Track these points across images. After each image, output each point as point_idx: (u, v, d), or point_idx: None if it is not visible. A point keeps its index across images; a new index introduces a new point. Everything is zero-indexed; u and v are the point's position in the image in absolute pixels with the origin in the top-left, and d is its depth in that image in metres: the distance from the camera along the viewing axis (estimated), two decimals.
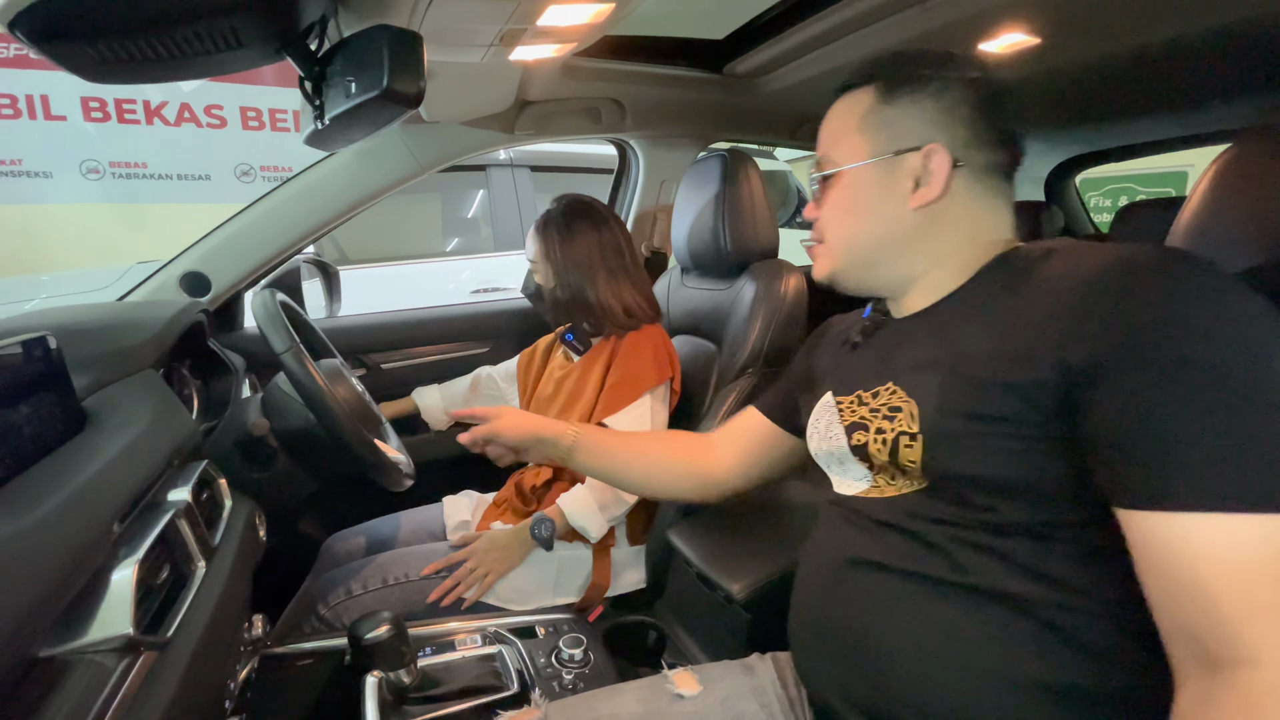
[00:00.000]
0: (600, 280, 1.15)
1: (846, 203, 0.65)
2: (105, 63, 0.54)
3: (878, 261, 0.65)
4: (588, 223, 1.18)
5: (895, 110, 0.61)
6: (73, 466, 0.55)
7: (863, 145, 0.63)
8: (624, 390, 1.11)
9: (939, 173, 0.60)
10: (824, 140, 0.68)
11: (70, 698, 0.43)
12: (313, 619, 0.99)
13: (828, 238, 0.68)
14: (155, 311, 0.93)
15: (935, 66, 0.61)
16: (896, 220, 0.63)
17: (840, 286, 0.69)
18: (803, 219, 0.71)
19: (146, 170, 3.83)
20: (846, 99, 0.66)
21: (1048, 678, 0.49)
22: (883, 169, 0.62)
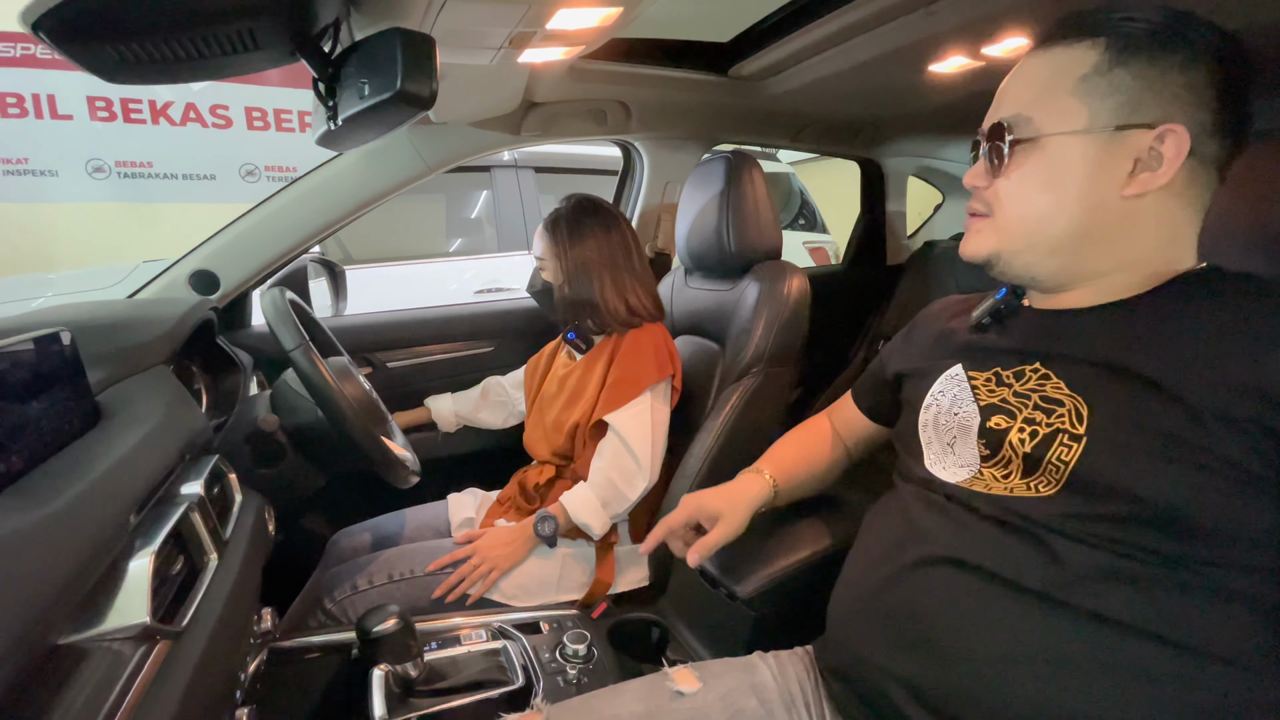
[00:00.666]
0: (606, 279, 1.16)
1: (1043, 175, 0.56)
2: (124, 64, 0.55)
3: (1062, 249, 0.57)
4: (596, 222, 1.19)
5: (1129, 75, 0.52)
6: (90, 459, 0.56)
7: (1079, 111, 0.54)
8: (625, 387, 1.12)
9: (1172, 158, 0.51)
10: (1017, 97, 0.58)
11: (89, 684, 0.44)
12: (319, 613, 1.00)
13: (1003, 212, 0.59)
14: (167, 309, 0.94)
15: (1185, 28, 0.52)
16: (1102, 207, 0.54)
17: (999, 270, 0.61)
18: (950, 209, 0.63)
19: (152, 170, 3.84)
20: (1056, 53, 0.56)
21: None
22: (1099, 143, 0.53)
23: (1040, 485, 0.55)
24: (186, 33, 0.54)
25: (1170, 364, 0.51)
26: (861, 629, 0.64)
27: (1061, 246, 0.58)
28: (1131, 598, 0.49)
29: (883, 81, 1.33)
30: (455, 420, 1.43)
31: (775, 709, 0.68)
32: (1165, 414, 0.49)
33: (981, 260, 0.62)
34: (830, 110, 1.60)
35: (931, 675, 0.56)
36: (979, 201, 0.62)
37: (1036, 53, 0.58)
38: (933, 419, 0.67)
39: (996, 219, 0.60)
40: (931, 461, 0.66)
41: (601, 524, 1.08)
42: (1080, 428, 0.53)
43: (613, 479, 1.08)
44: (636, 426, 1.11)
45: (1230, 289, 0.53)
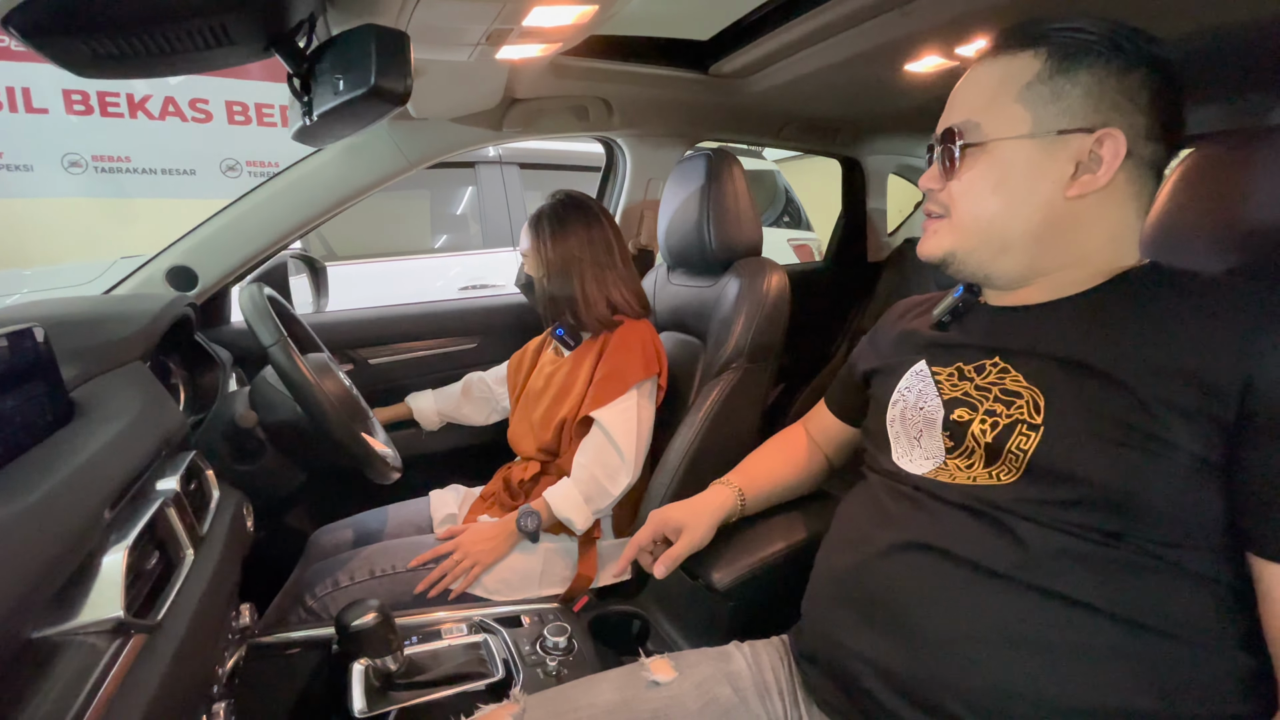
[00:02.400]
0: (588, 275, 1.17)
1: (993, 178, 0.59)
2: (97, 58, 0.55)
3: (1013, 249, 0.60)
4: (579, 219, 1.19)
5: (1069, 83, 0.55)
6: (63, 454, 0.56)
7: (1023, 117, 0.57)
8: (611, 384, 1.13)
9: (1110, 161, 0.54)
10: (967, 104, 0.61)
11: (62, 677, 0.44)
12: (300, 610, 1.00)
13: (958, 213, 0.62)
14: (142, 304, 0.93)
15: (1121, 39, 0.55)
16: (1047, 207, 0.57)
17: (955, 269, 0.64)
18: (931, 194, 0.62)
19: (130, 164, 3.78)
20: (1002, 61, 0.59)
21: (1115, 702, 0.49)
22: (1043, 147, 0.56)
23: (1001, 474, 0.57)
24: (159, 27, 0.54)
25: (1118, 356, 0.54)
26: (834, 614, 0.66)
27: (1012, 245, 0.60)
28: (1088, 578, 0.51)
29: (861, 80, 1.35)
30: (437, 417, 1.43)
31: (749, 696, 0.69)
32: (1115, 403, 0.52)
33: (938, 260, 0.65)
34: (810, 108, 1.62)
35: (900, 657, 0.58)
36: (934, 203, 0.64)
37: (985, 61, 0.61)
38: (900, 414, 0.69)
39: (952, 220, 0.62)
40: (899, 455, 0.68)
41: (584, 519, 1.09)
42: (1038, 418, 0.56)
43: (596, 475, 1.09)
44: (623, 423, 1.11)
45: (1171, 284, 0.56)
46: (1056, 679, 0.51)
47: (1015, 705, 0.52)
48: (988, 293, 0.68)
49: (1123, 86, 0.55)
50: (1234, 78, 1.08)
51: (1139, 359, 0.52)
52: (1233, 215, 0.65)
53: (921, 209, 0.67)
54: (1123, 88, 0.55)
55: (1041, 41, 0.57)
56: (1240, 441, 0.48)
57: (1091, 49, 0.55)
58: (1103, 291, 0.59)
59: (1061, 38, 0.56)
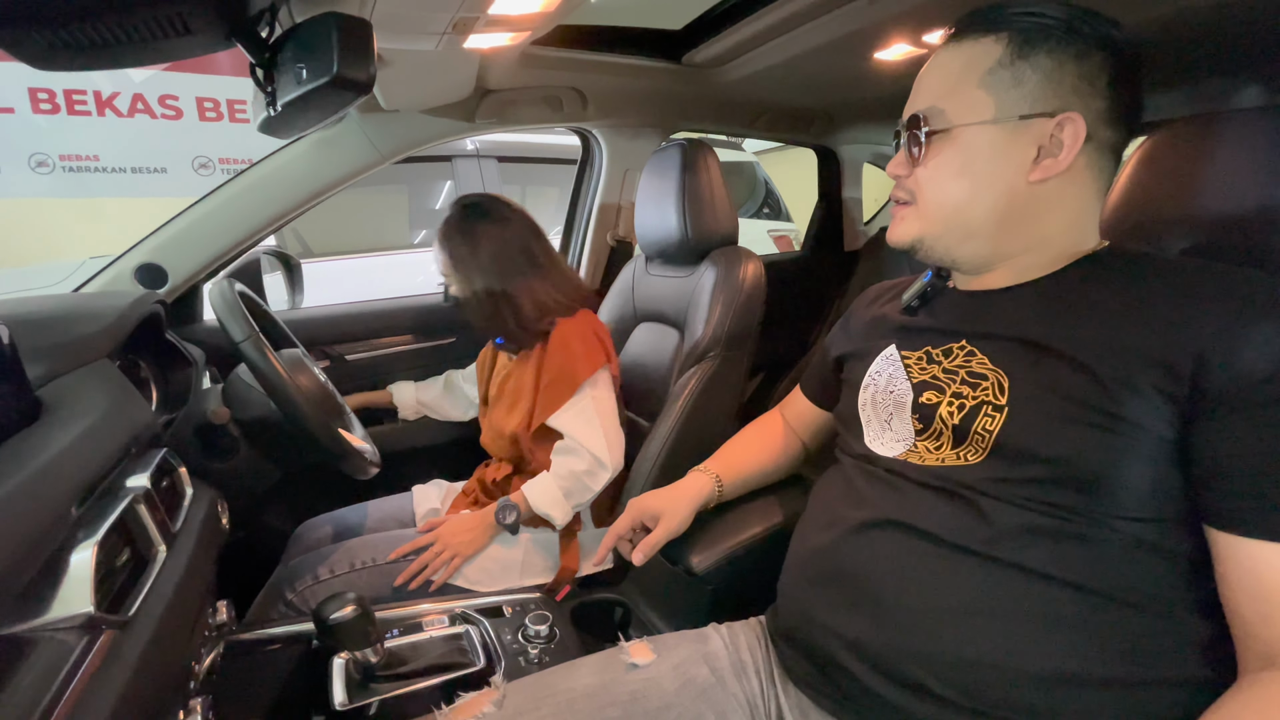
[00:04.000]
0: (511, 283, 1.12)
1: (957, 164, 0.59)
2: (52, 49, 0.54)
3: (978, 233, 0.61)
4: (487, 223, 1.14)
5: (1029, 69, 0.56)
6: (28, 452, 0.55)
7: (986, 102, 0.57)
8: (559, 389, 1.10)
9: (1070, 145, 0.55)
10: (930, 90, 0.61)
11: (32, 672, 0.44)
12: (280, 605, 1.00)
13: (924, 199, 0.62)
14: (109, 301, 0.92)
15: (1079, 22, 0.55)
16: (1011, 191, 0.58)
17: (923, 254, 0.65)
18: None
19: (99, 163, 3.70)
20: (965, 47, 0.59)
21: (1073, 666, 0.51)
22: (1006, 132, 0.57)
23: (969, 454, 0.59)
24: (114, 16, 0.53)
25: (1077, 337, 0.55)
26: (808, 591, 0.67)
27: (977, 230, 0.61)
28: (1051, 552, 0.53)
29: (833, 69, 1.36)
30: (417, 405, 1.42)
31: (726, 676, 0.70)
32: (1075, 383, 0.53)
33: (906, 245, 0.65)
34: (783, 98, 1.63)
35: (872, 630, 0.59)
36: (901, 189, 0.65)
37: (948, 46, 0.61)
38: (871, 398, 0.71)
39: (919, 206, 0.63)
40: (871, 438, 0.69)
41: (563, 514, 1.09)
42: (1002, 399, 0.57)
43: (575, 471, 1.09)
44: (583, 424, 1.10)
45: (1129, 266, 0.58)
46: (1022, 648, 0.52)
47: (983, 674, 0.53)
48: (955, 277, 0.69)
49: (1082, 70, 0.55)
50: (1193, 64, 1.11)
51: (1097, 339, 0.54)
52: (1191, 198, 0.67)
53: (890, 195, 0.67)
54: (1082, 71, 0.55)
55: (1002, 26, 0.58)
56: (1194, 418, 0.50)
57: (1051, 33, 0.56)
58: (1064, 274, 0.60)
59: (1021, 22, 0.57)
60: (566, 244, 1.82)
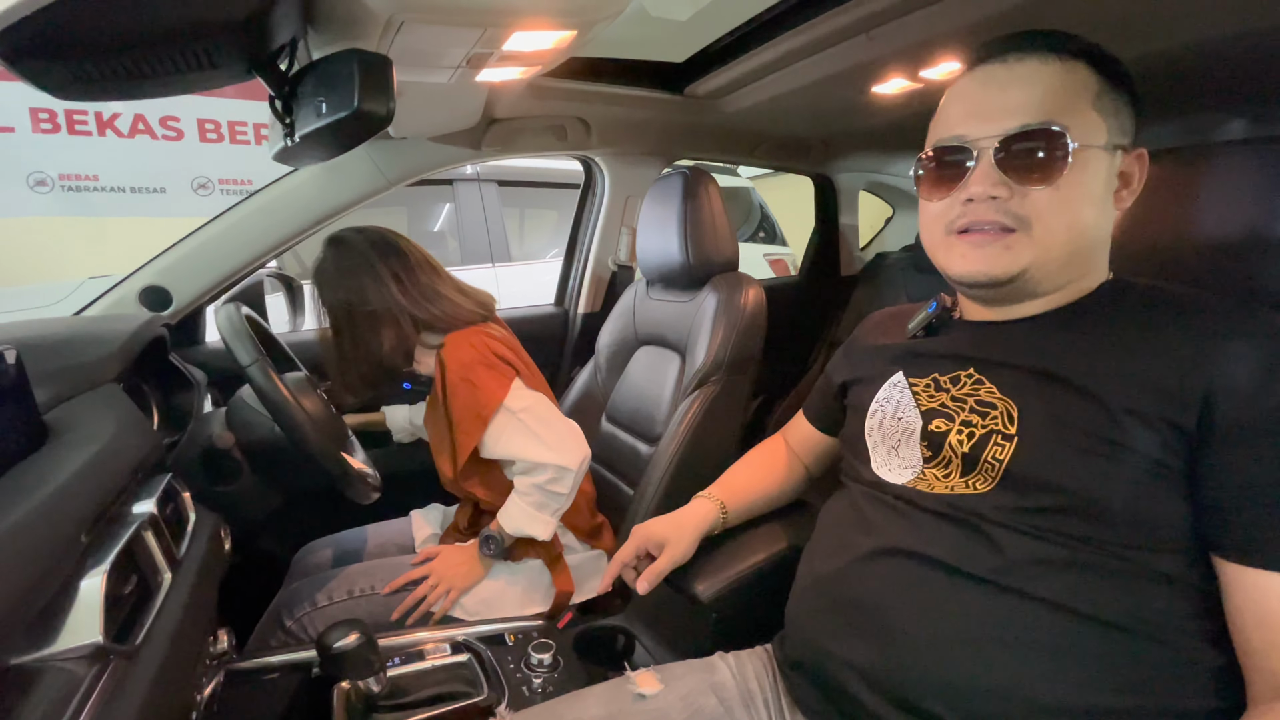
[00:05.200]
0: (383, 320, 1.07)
1: (1083, 187, 0.56)
2: (79, 81, 0.55)
3: (1077, 261, 0.59)
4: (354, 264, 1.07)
5: (1120, 100, 0.57)
6: (37, 479, 0.55)
7: (1100, 127, 0.56)
8: (470, 422, 1.04)
9: (1139, 178, 0.58)
10: (1041, 104, 0.55)
11: (41, 704, 0.44)
12: (280, 632, 0.99)
13: (1046, 224, 0.56)
14: (116, 326, 0.92)
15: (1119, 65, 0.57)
16: (1108, 219, 0.59)
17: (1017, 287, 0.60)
18: None
19: (98, 183, 3.72)
20: (1055, 66, 0.56)
21: (1089, 695, 0.51)
22: (1111, 160, 0.57)
23: (978, 483, 0.59)
24: (143, 51, 0.54)
25: (1087, 367, 0.56)
26: (817, 620, 0.67)
27: (1080, 259, 0.59)
28: (1062, 581, 0.53)
29: (830, 101, 1.39)
30: (410, 428, 1.41)
31: (734, 706, 0.70)
32: (1083, 413, 0.54)
33: (1009, 277, 0.58)
34: (782, 128, 1.66)
35: (883, 660, 0.59)
36: (1003, 214, 0.57)
37: (1030, 61, 0.57)
38: (878, 424, 0.71)
39: (1036, 231, 0.56)
40: (878, 464, 0.69)
41: (544, 526, 1.05)
42: (1012, 428, 0.58)
43: (538, 484, 1.04)
44: (520, 440, 1.04)
45: (1138, 298, 0.59)
46: (1034, 678, 0.53)
47: (995, 704, 0.53)
48: (963, 307, 0.70)
49: (1131, 111, 0.59)
50: (1184, 97, 1.15)
51: (1107, 370, 0.55)
52: (1183, 229, 0.68)
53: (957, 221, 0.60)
54: (1130, 112, 0.59)
55: (1087, 55, 0.57)
56: (1201, 448, 0.51)
57: (1122, 74, 0.58)
58: (1076, 308, 0.61)
59: (1102, 55, 0.57)
60: (568, 268, 1.84)
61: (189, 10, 0.52)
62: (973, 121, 0.59)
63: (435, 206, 2.90)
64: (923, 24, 0.96)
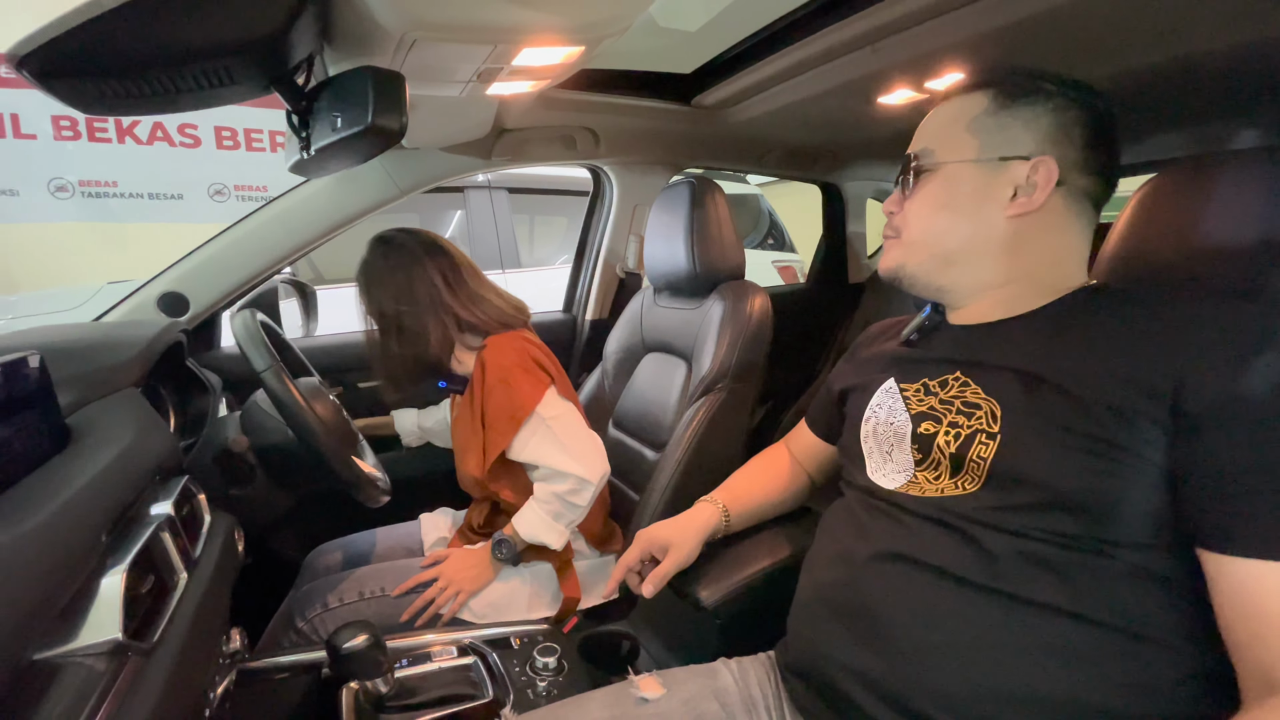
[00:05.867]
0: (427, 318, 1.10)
1: (941, 198, 0.66)
2: (104, 98, 0.57)
3: (957, 261, 0.67)
4: (397, 263, 1.11)
5: (1011, 117, 0.63)
6: (61, 480, 0.57)
7: (970, 144, 0.64)
8: (504, 423, 1.06)
9: (1043, 185, 0.61)
10: (925, 135, 0.69)
11: (64, 698, 0.45)
12: (291, 633, 1.01)
13: (909, 231, 0.69)
14: (136, 331, 0.94)
15: (1058, 83, 0.63)
16: (988, 224, 0.64)
17: (907, 283, 0.70)
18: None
19: (117, 189, 3.79)
20: (958, 100, 0.67)
21: (1083, 696, 0.52)
22: (986, 170, 0.64)
23: (966, 483, 0.60)
24: (166, 70, 0.57)
25: (1065, 365, 0.58)
26: (817, 626, 0.68)
27: (955, 259, 0.67)
28: (1054, 582, 0.54)
29: (837, 111, 1.40)
30: (418, 432, 1.43)
31: (736, 712, 0.71)
32: (1062, 409, 0.56)
33: (892, 274, 0.71)
34: (790, 138, 1.67)
35: (881, 665, 0.60)
36: (890, 227, 0.72)
37: (945, 101, 0.69)
38: (872, 430, 0.73)
39: (905, 238, 0.70)
40: (873, 470, 0.71)
41: (557, 536, 1.07)
42: (995, 426, 0.60)
43: (557, 493, 1.06)
44: (547, 446, 1.06)
45: (1113, 300, 0.61)
46: (1032, 680, 0.53)
47: (993, 707, 0.54)
48: (951, 312, 0.72)
49: (1058, 122, 0.62)
50: (1195, 107, 1.14)
51: (1084, 367, 0.57)
52: (1194, 238, 0.68)
53: None
54: (1058, 123, 0.62)
55: (992, 83, 0.66)
56: (1177, 440, 0.51)
57: (1035, 89, 0.63)
58: (1053, 308, 0.64)
59: (1009, 80, 0.65)
60: (576, 275, 1.86)
61: (211, 30, 0.54)
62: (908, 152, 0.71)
63: (447, 213, 2.93)
64: (926, 37, 0.97)
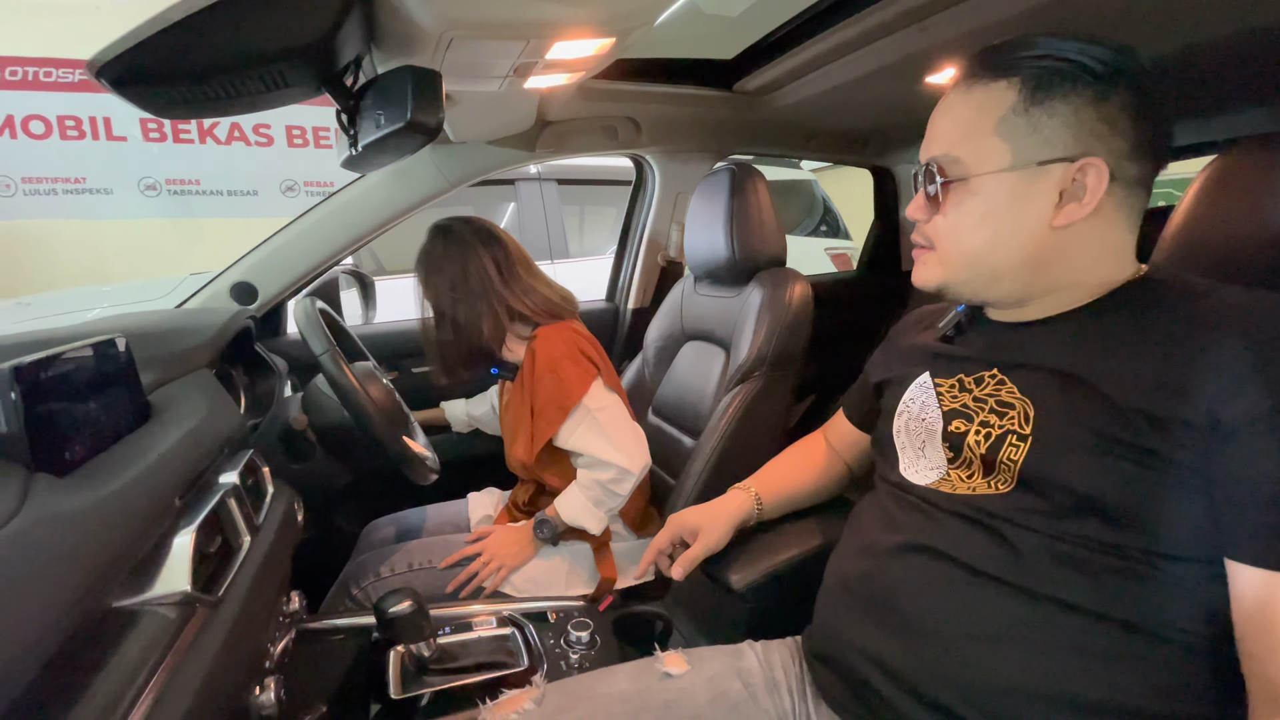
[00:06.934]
0: (480, 305, 1.14)
1: (977, 213, 0.58)
2: (173, 103, 0.63)
3: (1005, 277, 0.60)
4: (454, 249, 1.15)
5: (1045, 114, 0.54)
6: (141, 450, 0.63)
7: (1003, 150, 0.56)
8: (552, 412, 1.10)
9: (1094, 188, 0.54)
10: (946, 135, 0.60)
11: (139, 641, 0.51)
12: (347, 599, 1.08)
13: (945, 247, 0.62)
14: (209, 318, 1.03)
15: (1094, 61, 0.53)
16: (1035, 237, 0.57)
17: (952, 296, 0.65)
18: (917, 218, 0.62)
19: (199, 187, 4.06)
20: (978, 91, 0.58)
21: (1104, 697, 0.51)
22: (1025, 179, 0.56)
23: (999, 484, 0.59)
24: (227, 76, 0.62)
25: (1100, 366, 0.55)
26: (842, 613, 0.68)
27: (1003, 275, 0.60)
28: (1082, 583, 0.52)
29: (885, 93, 1.37)
30: (467, 420, 1.49)
31: (759, 692, 0.72)
32: (1096, 412, 0.53)
33: (932, 290, 0.65)
34: (836, 121, 1.64)
35: (903, 654, 0.60)
36: (920, 235, 0.65)
37: (959, 89, 0.60)
38: (905, 424, 0.71)
39: (941, 253, 0.62)
40: (905, 465, 0.70)
41: (597, 522, 1.11)
42: (1027, 428, 0.58)
43: (600, 480, 1.10)
44: (594, 438, 1.10)
45: (1157, 294, 0.57)
46: (1054, 676, 0.52)
47: (1012, 701, 0.54)
48: (990, 309, 0.69)
49: (1101, 114, 0.54)
50: (1263, 83, 1.06)
51: (1120, 369, 0.54)
52: (1262, 217, 0.64)
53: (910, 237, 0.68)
54: (1101, 115, 0.54)
55: (1014, 70, 0.56)
56: (1212, 447, 0.49)
57: (1066, 76, 0.54)
58: (1097, 306, 0.59)
59: (1034, 67, 0.55)
60: (619, 264, 1.88)
61: (265, 38, 0.59)
62: (923, 148, 0.64)
63: (499, 205, 3.00)
64: (974, 13, 0.94)
